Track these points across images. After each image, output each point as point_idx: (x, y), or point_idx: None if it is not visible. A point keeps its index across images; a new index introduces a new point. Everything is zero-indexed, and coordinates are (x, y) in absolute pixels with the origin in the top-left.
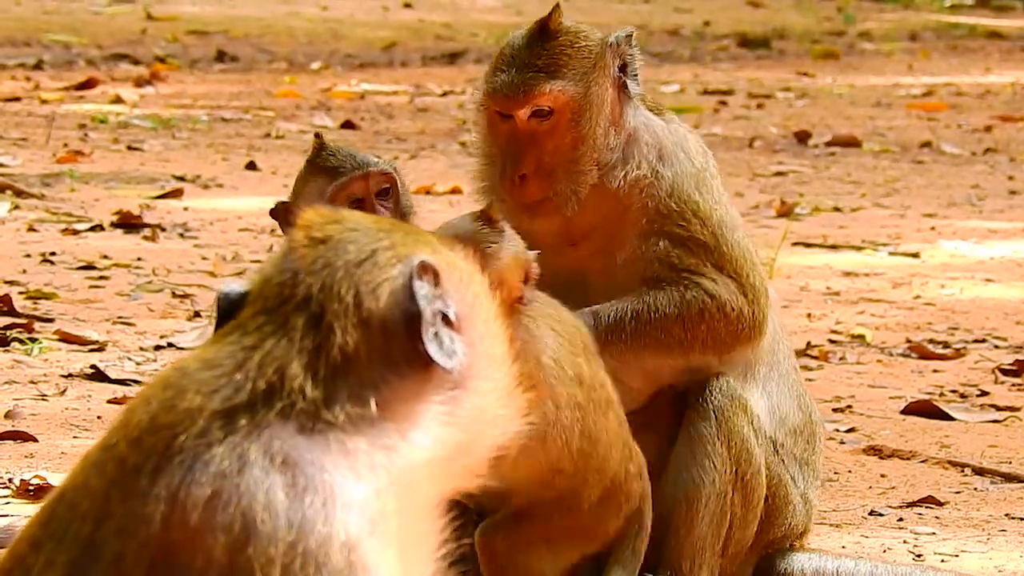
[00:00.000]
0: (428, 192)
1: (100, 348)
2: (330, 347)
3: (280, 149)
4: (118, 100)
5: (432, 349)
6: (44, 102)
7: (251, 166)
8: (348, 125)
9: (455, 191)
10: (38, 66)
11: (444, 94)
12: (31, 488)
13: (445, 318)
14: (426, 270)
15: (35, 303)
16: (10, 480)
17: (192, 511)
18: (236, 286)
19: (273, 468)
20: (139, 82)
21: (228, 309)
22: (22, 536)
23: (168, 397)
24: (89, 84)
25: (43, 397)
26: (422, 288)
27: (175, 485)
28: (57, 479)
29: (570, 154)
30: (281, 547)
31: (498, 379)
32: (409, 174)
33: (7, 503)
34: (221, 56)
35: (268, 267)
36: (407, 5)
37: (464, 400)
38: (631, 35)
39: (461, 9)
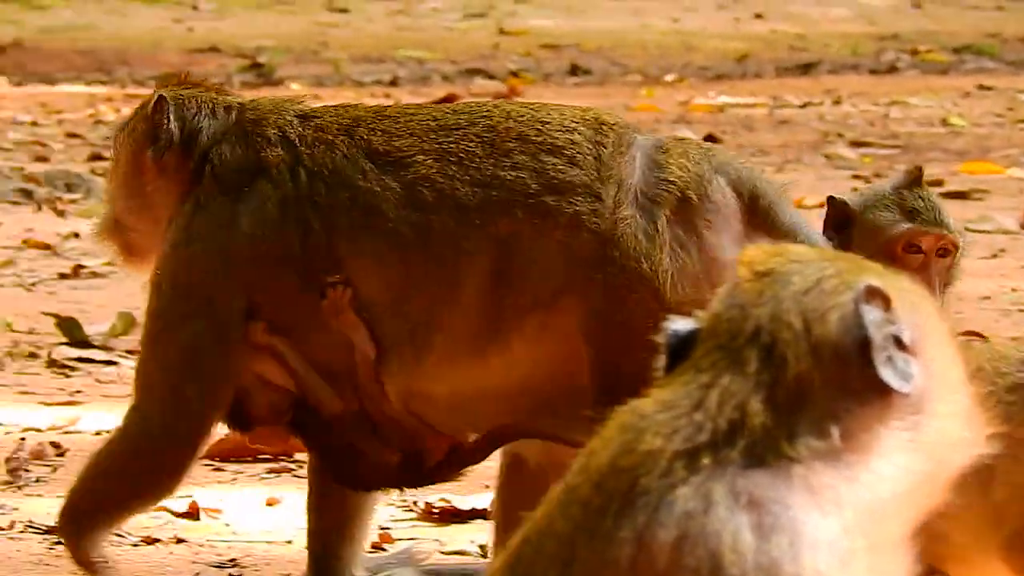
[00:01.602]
0: (799, 206)
1: None
2: (785, 378)
3: None
4: None
5: (886, 373)
6: None
7: None
8: (710, 139)
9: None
10: (394, 82)
11: (803, 106)
12: (435, 511)
13: (899, 342)
14: (874, 294)
15: None
16: (415, 503)
17: (659, 554)
18: (684, 324)
19: (738, 508)
20: (497, 96)
21: (677, 347)
22: None
23: (627, 440)
24: (449, 99)
25: None
26: (871, 312)
27: (641, 527)
28: (461, 502)
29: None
30: None
31: (957, 400)
32: None
33: (412, 526)
34: (574, 70)
35: (715, 304)
36: (758, 16)
37: (926, 425)
38: (161, 101)
39: (812, 19)
